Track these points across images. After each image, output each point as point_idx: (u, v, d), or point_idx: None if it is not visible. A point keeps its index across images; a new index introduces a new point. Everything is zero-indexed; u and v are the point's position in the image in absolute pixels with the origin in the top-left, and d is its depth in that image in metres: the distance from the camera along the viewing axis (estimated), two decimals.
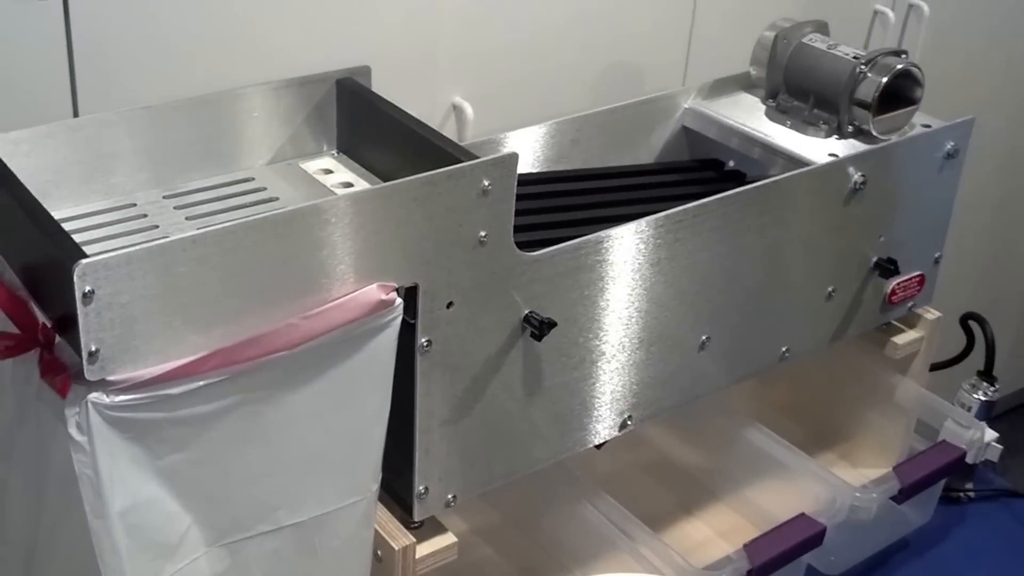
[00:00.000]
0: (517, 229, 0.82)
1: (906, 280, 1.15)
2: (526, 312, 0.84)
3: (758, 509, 1.11)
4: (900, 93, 1.09)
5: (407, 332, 0.78)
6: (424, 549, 0.85)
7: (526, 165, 1.07)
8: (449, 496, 0.86)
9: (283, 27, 1.07)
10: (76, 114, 0.95)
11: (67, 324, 0.63)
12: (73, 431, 0.61)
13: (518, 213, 0.81)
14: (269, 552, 0.71)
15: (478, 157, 0.77)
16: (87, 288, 0.60)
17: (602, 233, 0.88)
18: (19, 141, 0.75)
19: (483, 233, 0.79)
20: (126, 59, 0.98)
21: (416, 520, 0.85)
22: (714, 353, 1.00)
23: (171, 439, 0.64)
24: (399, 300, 0.74)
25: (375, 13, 1.11)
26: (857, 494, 1.08)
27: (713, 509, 1.15)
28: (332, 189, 0.85)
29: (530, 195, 0.99)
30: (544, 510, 1.04)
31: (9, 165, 0.72)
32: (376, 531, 0.83)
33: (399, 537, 0.84)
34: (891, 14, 1.56)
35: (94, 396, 0.61)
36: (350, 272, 0.72)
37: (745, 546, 1.00)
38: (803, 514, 1.04)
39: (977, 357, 1.32)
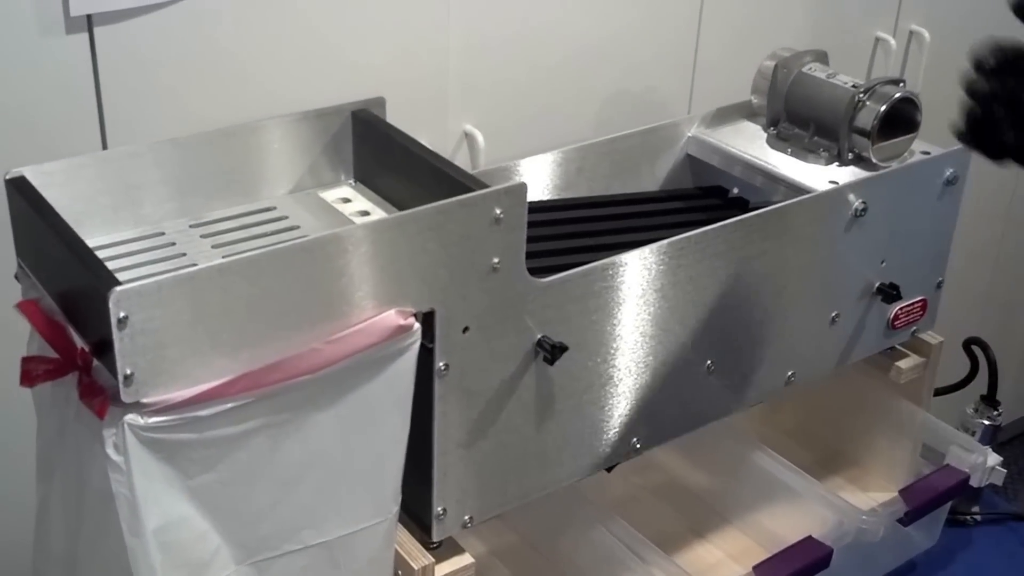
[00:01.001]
0: (527, 256, 0.84)
1: (909, 305, 1.17)
2: (539, 336, 0.87)
3: (766, 532, 1.12)
4: (899, 120, 1.12)
5: (425, 356, 0.80)
6: (442, 569, 0.87)
7: (534, 193, 1.09)
8: (466, 517, 0.88)
9: (300, 60, 1.10)
10: (105, 146, 0.98)
11: (103, 348, 0.65)
12: (110, 451, 0.63)
13: (527, 240, 0.84)
14: (296, 571, 0.73)
15: (489, 186, 0.80)
16: (121, 314, 0.63)
17: (608, 260, 0.90)
18: (52, 172, 0.78)
19: (496, 260, 0.81)
20: (151, 92, 1.02)
21: (435, 541, 0.87)
22: (720, 378, 1.02)
23: (201, 459, 0.67)
24: (417, 325, 0.77)
25: (389, 46, 1.14)
26: (864, 517, 1.10)
27: (723, 531, 1.16)
28: (350, 218, 0.88)
29: (539, 222, 1.01)
30: (559, 533, 1.06)
31: (44, 195, 0.75)
32: (397, 552, 0.85)
33: (419, 557, 0.86)
34: (892, 41, 1.58)
35: (130, 418, 0.64)
36: (369, 298, 0.75)
37: (754, 568, 1.02)
38: (810, 537, 1.06)
39: (982, 382, 1.34)
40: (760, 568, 1.01)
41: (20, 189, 0.76)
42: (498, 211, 0.79)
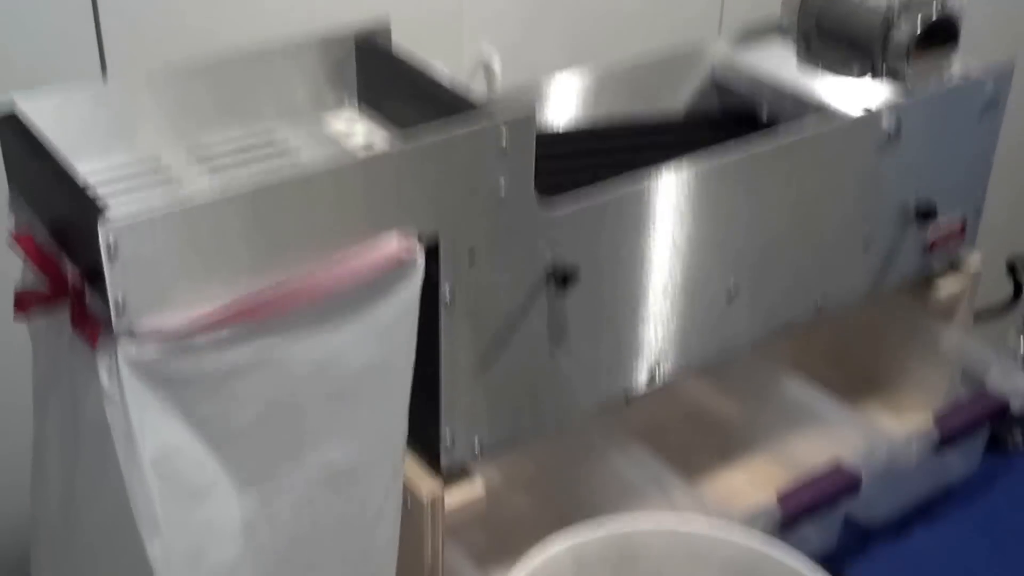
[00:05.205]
0: (540, 182, 0.82)
1: (947, 227, 1.13)
2: (549, 263, 0.85)
3: (794, 459, 1.10)
4: (937, 36, 1.07)
5: (431, 287, 0.79)
6: (453, 499, 0.87)
7: (550, 116, 1.07)
8: (477, 447, 0.88)
9: None
10: (103, 67, 0.97)
11: (95, 277, 0.65)
12: (104, 381, 0.63)
13: (541, 166, 0.82)
14: (300, 499, 0.73)
15: (497, 112, 0.78)
16: (112, 241, 0.62)
17: (625, 182, 0.88)
18: (45, 98, 0.77)
19: (504, 186, 0.79)
20: (151, 13, 1.00)
21: (444, 470, 0.87)
22: (744, 303, 1.00)
23: (198, 389, 0.66)
24: (419, 248, 0.75)
25: None
26: (896, 443, 1.07)
27: (748, 459, 1.14)
28: (352, 145, 0.86)
29: (553, 149, 0.99)
30: (578, 462, 1.05)
31: (37, 123, 0.74)
32: (406, 482, 0.85)
33: (428, 487, 0.86)
34: None
35: (123, 347, 0.63)
36: (370, 226, 0.73)
37: (779, 495, 1.00)
38: (839, 463, 1.04)
39: None
40: (785, 495, 1.00)
41: (10, 115, 0.75)
42: (506, 137, 0.77)
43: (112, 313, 0.63)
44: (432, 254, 0.78)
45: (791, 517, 0.99)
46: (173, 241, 0.65)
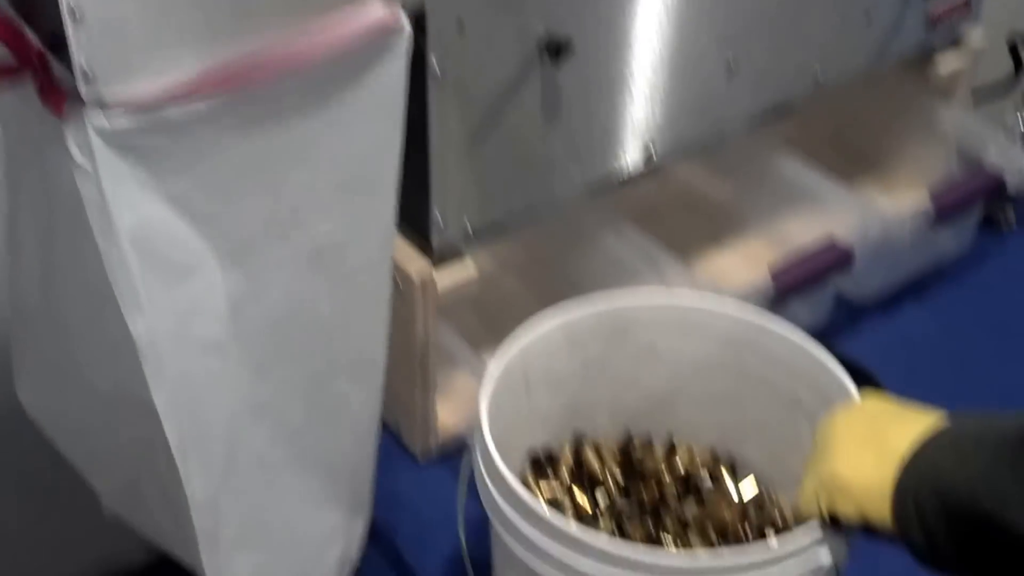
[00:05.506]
0: None
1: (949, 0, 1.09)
2: (542, 34, 0.81)
3: (788, 238, 1.09)
4: None
5: (419, 62, 0.75)
6: (444, 278, 0.86)
7: None
8: (468, 226, 0.86)
9: None
10: None
11: (60, 45, 0.61)
12: (75, 153, 0.60)
13: None
14: (286, 277, 0.72)
15: None
16: (75, 3, 0.58)
17: None
18: None
19: None
20: None
21: (435, 249, 0.85)
22: (743, 79, 0.97)
23: (174, 163, 0.63)
24: (404, 17, 0.71)
25: None
26: (890, 218, 1.06)
27: (742, 239, 1.13)
28: None
29: None
30: (571, 243, 1.03)
31: None
32: (396, 262, 0.83)
33: (418, 267, 0.85)
34: None
35: (93, 116, 0.60)
36: None
37: (771, 271, 0.99)
38: (831, 239, 1.03)
39: None
40: (777, 271, 0.99)
41: None
42: None
43: (79, 81, 0.60)
44: (419, 26, 0.74)
45: (784, 293, 0.98)
46: (140, 2, 0.61)
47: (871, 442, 0.67)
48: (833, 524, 0.68)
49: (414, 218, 0.84)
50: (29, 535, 1.27)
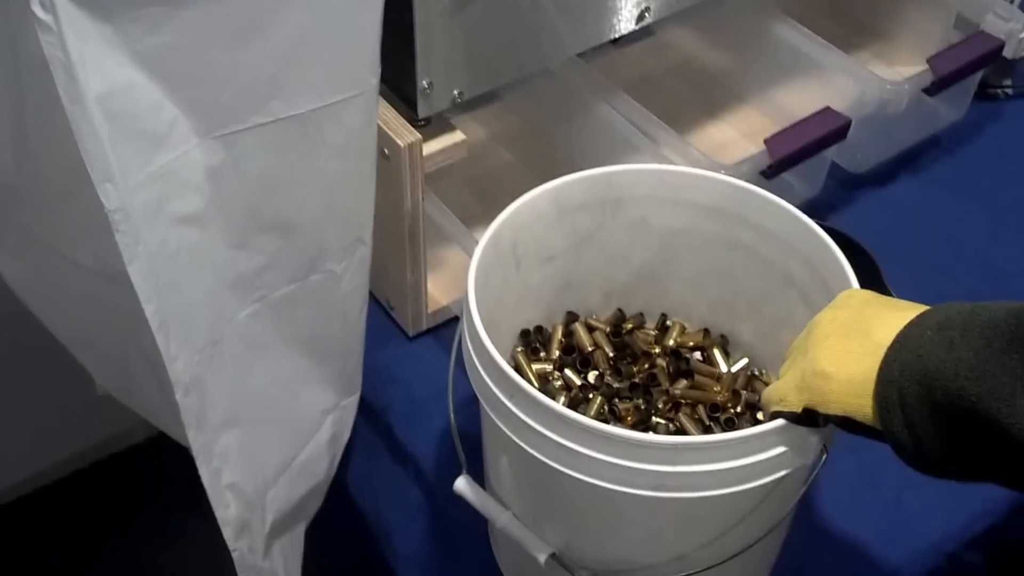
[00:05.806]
0: None
1: None
2: None
3: (784, 108, 1.06)
4: None
5: None
6: (432, 146, 0.82)
7: None
8: (455, 92, 0.82)
9: None
10: None
11: None
12: (37, 9, 0.56)
13: None
14: (266, 146, 0.68)
15: None
16: None
17: None
18: None
19: None
20: None
21: (422, 117, 0.82)
22: None
23: (144, 19, 0.59)
24: None
25: None
26: (887, 87, 1.03)
27: (738, 110, 1.10)
28: None
29: None
30: (563, 113, 1.00)
31: None
32: (382, 130, 0.80)
33: (404, 134, 0.81)
34: None
35: None
36: None
37: (766, 140, 0.96)
38: (828, 108, 1.00)
39: None
40: (772, 140, 0.96)
41: None
42: None
43: None
44: None
45: (779, 162, 0.96)
46: None
47: (855, 334, 0.63)
48: (811, 420, 0.64)
49: (400, 85, 0.81)
50: (28, 414, 1.26)
